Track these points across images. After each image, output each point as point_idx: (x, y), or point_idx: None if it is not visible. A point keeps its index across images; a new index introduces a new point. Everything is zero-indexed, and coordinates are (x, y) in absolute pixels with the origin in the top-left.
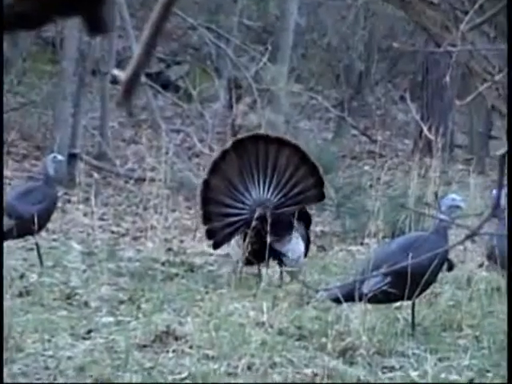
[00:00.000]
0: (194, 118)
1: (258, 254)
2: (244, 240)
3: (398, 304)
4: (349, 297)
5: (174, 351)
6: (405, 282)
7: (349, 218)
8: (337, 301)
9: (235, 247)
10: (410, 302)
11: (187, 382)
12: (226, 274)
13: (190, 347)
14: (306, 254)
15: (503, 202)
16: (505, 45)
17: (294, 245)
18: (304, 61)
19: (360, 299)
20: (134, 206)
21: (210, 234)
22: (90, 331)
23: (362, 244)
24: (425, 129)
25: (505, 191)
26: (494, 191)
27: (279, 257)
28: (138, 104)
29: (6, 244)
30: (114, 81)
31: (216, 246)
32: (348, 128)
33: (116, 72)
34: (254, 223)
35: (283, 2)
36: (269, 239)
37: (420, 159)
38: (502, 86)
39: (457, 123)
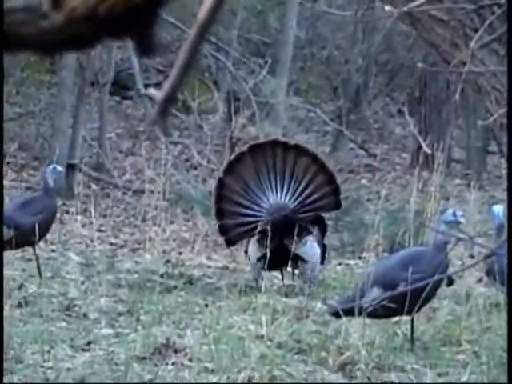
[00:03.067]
0: (193, 129)
1: (277, 258)
2: (261, 243)
3: (396, 319)
4: (348, 311)
5: (173, 364)
6: (404, 297)
7: (347, 232)
8: (336, 315)
9: (253, 249)
10: (408, 317)
11: None
12: (225, 287)
13: (190, 360)
14: (322, 261)
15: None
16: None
17: (310, 248)
18: (302, 74)
19: (359, 314)
20: (132, 218)
21: (222, 230)
22: (89, 343)
23: (360, 258)
24: (423, 144)
25: None
26: (494, 207)
27: (296, 260)
28: (136, 115)
29: (4, 254)
30: (112, 92)
31: (228, 243)
32: (346, 141)
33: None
34: (271, 226)
35: (283, 15)
36: (286, 242)
37: (418, 173)
38: None
39: (454, 138)
